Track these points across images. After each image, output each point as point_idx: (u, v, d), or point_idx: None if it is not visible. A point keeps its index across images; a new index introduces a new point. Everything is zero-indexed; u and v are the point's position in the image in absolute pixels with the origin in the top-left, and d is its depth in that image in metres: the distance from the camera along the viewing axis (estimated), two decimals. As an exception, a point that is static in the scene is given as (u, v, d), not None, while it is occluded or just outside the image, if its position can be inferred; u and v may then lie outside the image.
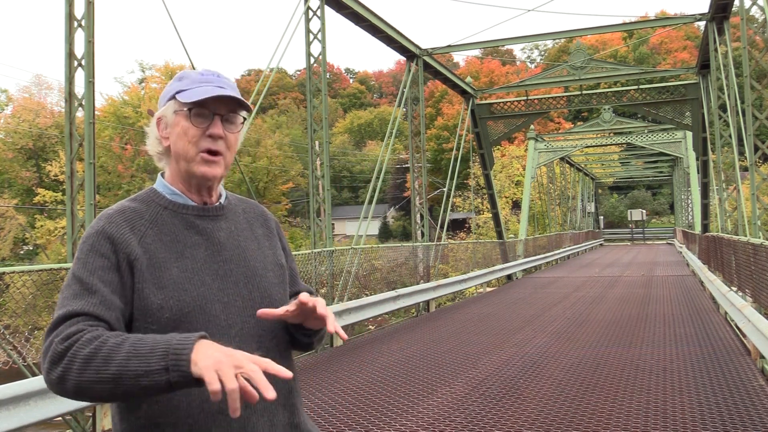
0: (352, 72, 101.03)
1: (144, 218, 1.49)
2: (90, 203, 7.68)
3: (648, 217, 63.44)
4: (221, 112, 1.50)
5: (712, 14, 13.69)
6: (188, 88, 1.50)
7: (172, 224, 1.50)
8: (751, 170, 11.77)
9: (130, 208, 1.50)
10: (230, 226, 1.57)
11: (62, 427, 6.07)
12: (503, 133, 20.96)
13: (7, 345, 5.66)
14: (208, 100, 1.48)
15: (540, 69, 69.70)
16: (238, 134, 1.56)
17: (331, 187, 11.67)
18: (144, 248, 1.44)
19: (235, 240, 1.55)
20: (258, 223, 1.66)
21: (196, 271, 1.46)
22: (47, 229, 38.72)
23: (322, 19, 11.18)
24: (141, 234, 1.46)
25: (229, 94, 1.49)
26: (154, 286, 1.41)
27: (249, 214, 1.66)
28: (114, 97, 46.21)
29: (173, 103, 1.51)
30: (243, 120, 1.57)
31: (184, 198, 1.54)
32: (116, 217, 1.48)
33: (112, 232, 1.44)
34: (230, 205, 1.62)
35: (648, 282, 18.18)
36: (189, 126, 1.49)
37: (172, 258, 1.45)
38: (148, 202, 1.53)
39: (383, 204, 58.65)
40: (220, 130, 1.50)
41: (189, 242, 1.49)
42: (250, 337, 1.47)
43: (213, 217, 1.55)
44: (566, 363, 7.45)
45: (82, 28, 7.90)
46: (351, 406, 5.94)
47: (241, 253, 1.54)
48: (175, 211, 1.52)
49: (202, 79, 1.51)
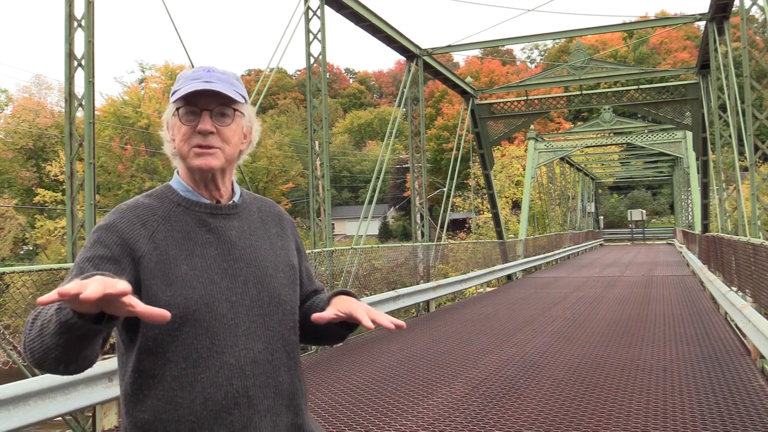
0: (352, 72, 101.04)
1: (157, 214, 1.50)
2: (90, 203, 7.67)
3: (648, 217, 63.44)
4: (210, 107, 1.50)
5: (712, 14, 13.68)
6: (180, 88, 1.51)
7: (184, 221, 1.51)
8: (751, 170, 11.77)
9: (143, 204, 1.52)
10: (243, 225, 1.57)
11: (62, 427, 6.07)
12: (503, 133, 20.96)
13: (7, 345, 5.67)
14: (193, 96, 1.48)
15: (540, 69, 69.71)
16: (232, 126, 1.53)
17: (331, 187, 11.66)
18: (155, 244, 1.45)
19: (247, 239, 1.55)
20: (272, 222, 1.65)
21: (205, 269, 1.46)
22: (47, 229, 38.69)
23: (322, 19, 11.18)
24: (153, 230, 1.47)
25: (211, 88, 1.47)
26: (162, 282, 1.42)
27: (264, 213, 1.65)
28: (114, 97, 46.15)
29: (170, 105, 1.54)
30: (235, 112, 1.52)
31: (196, 195, 1.55)
32: (129, 212, 1.50)
33: (121, 227, 1.46)
34: (244, 203, 1.62)
35: (648, 282, 18.18)
36: (181, 125, 1.51)
37: (182, 255, 1.46)
38: (162, 198, 1.54)
39: (383, 204, 58.63)
40: (207, 125, 1.49)
41: (200, 240, 1.49)
42: (257, 336, 1.47)
43: (225, 215, 1.55)
44: (566, 363, 7.45)
45: (82, 28, 7.89)
46: (351, 406, 5.94)
47: (252, 253, 1.54)
48: (188, 208, 1.53)
49: (193, 76, 1.51)
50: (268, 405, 1.45)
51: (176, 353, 1.41)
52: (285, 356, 1.51)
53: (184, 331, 1.41)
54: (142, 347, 1.42)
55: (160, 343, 1.42)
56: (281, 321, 1.52)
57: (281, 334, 1.52)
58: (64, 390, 4.66)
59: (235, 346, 1.43)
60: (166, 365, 1.41)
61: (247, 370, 1.43)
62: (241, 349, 1.44)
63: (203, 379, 1.40)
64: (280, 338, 1.52)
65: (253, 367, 1.44)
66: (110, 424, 5.47)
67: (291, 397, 1.52)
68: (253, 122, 1.62)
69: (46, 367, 1.29)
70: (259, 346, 1.46)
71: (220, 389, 1.41)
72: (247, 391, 1.43)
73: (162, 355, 1.41)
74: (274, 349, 1.49)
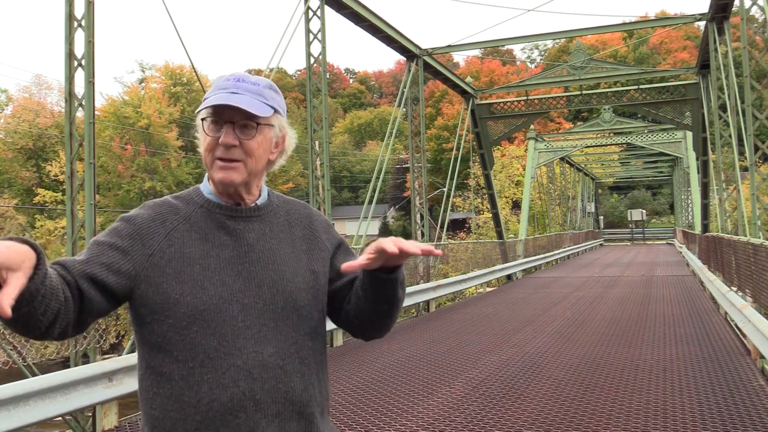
0: (352, 72, 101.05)
1: (179, 215, 1.51)
2: (90, 203, 7.68)
3: (648, 217, 63.46)
4: (235, 119, 1.48)
5: (712, 14, 13.69)
6: (209, 96, 1.50)
7: (204, 223, 1.51)
8: (751, 170, 11.78)
9: (169, 203, 1.54)
10: (264, 228, 1.55)
11: (62, 427, 6.07)
12: (503, 133, 20.97)
13: (7, 345, 5.67)
14: (219, 108, 1.47)
15: (540, 69, 69.71)
16: (257, 139, 1.50)
17: (331, 187, 11.67)
18: (170, 242, 1.47)
19: (267, 242, 1.53)
20: (300, 225, 1.62)
21: (218, 270, 1.46)
22: (47, 229, 38.67)
23: (322, 19, 11.18)
24: (171, 228, 1.49)
25: (231, 102, 1.45)
26: (174, 280, 1.43)
27: (292, 215, 1.63)
28: (114, 97, 46.11)
29: (200, 111, 1.54)
30: (258, 126, 1.50)
31: (218, 198, 1.55)
32: (152, 209, 1.52)
33: (141, 221, 1.49)
34: (270, 205, 1.60)
35: (648, 282, 18.18)
36: (205, 135, 1.50)
37: (197, 255, 1.46)
38: (188, 200, 1.55)
39: (383, 204, 58.64)
40: (229, 139, 1.47)
41: (217, 242, 1.49)
42: (267, 340, 1.45)
43: (246, 218, 1.54)
44: (566, 363, 7.45)
45: (82, 28, 7.90)
46: (351, 406, 5.94)
47: (271, 256, 1.52)
48: (209, 210, 1.53)
49: (222, 86, 1.50)
50: (276, 410, 1.43)
51: (184, 352, 1.41)
52: (298, 362, 1.48)
53: (192, 331, 1.42)
54: (153, 344, 1.44)
55: (169, 341, 1.43)
56: (295, 326, 1.49)
57: (294, 339, 1.49)
58: (64, 390, 4.66)
59: (243, 349, 1.42)
60: (174, 363, 1.42)
61: (254, 374, 1.42)
62: (250, 352, 1.42)
63: (209, 380, 1.40)
64: (294, 343, 1.48)
65: (261, 371, 1.43)
66: (110, 424, 5.47)
67: (304, 405, 1.47)
68: (287, 130, 1.59)
69: (31, 337, 1.33)
70: (269, 350, 1.44)
71: (226, 391, 1.40)
72: (254, 394, 1.42)
73: (170, 353, 1.42)
74: (285, 355, 1.46)
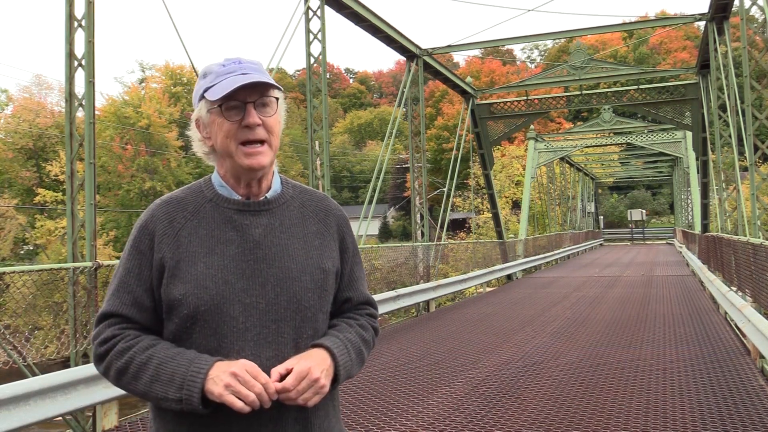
0: (352, 72, 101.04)
1: (187, 210, 1.49)
2: (90, 203, 7.67)
3: (648, 217, 63.45)
4: (252, 99, 1.46)
5: (711, 14, 13.68)
6: (214, 84, 1.47)
7: (211, 218, 1.48)
8: (751, 170, 11.77)
9: (176, 198, 1.52)
10: (272, 222, 1.50)
11: (62, 427, 6.06)
12: (503, 133, 20.96)
13: (7, 345, 5.66)
14: (235, 91, 1.44)
15: (540, 69, 69.72)
16: (276, 116, 1.50)
17: (331, 187, 11.66)
18: (178, 242, 1.45)
19: (275, 238, 1.49)
20: (315, 218, 1.57)
21: (221, 268, 1.43)
22: (47, 229, 38.61)
23: (322, 19, 11.18)
24: (179, 227, 1.47)
25: (253, 80, 1.44)
26: (178, 280, 1.42)
27: (307, 208, 1.57)
28: (114, 97, 46.06)
29: (204, 103, 1.50)
30: (276, 99, 1.51)
31: (230, 191, 1.51)
32: (159, 210, 1.50)
33: (152, 228, 1.48)
34: (282, 197, 1.55)
35: (648, 282, 18.18)
36: (223, 121, 1.46)
37: (202, 253, 1.44)
38: (198, 192, 1.53)
39: (383, 204, 58.62)
40: (255, 118, 1.46)
41: (222, 238, 1.46)
42: (267, 343, 1.42)
43: (254, 212, 1.50)
44: (566, 363, 7.45)
45: (82, 28, 7.89)
46: (351, 406, 5.94)
47: (278, 253, 1.47)
48: (218, 204, 1.50)
49: (225, 71, 1.48)
50: (270, 415, 1.40)
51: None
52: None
53: (195, 331, 1.42)
54: (168, 341, 1.46)
55: (177, 339, 1.44)
56: (297, 328, 1.45)
57: (295, 342, 1.45)
58: (64, 390, 4.65)
59: (241, 351, 1.40)
60: None
61: None
62: (248, 355, 1.40)
63: None
64: (294, 346, 1.45)
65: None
66: (110, 424, 5.47)
67: (300, 410, 1.43)
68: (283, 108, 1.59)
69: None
70: (268, 354, 1.41)
71: None
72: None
73: None
74: (284, 358, 1.42)
